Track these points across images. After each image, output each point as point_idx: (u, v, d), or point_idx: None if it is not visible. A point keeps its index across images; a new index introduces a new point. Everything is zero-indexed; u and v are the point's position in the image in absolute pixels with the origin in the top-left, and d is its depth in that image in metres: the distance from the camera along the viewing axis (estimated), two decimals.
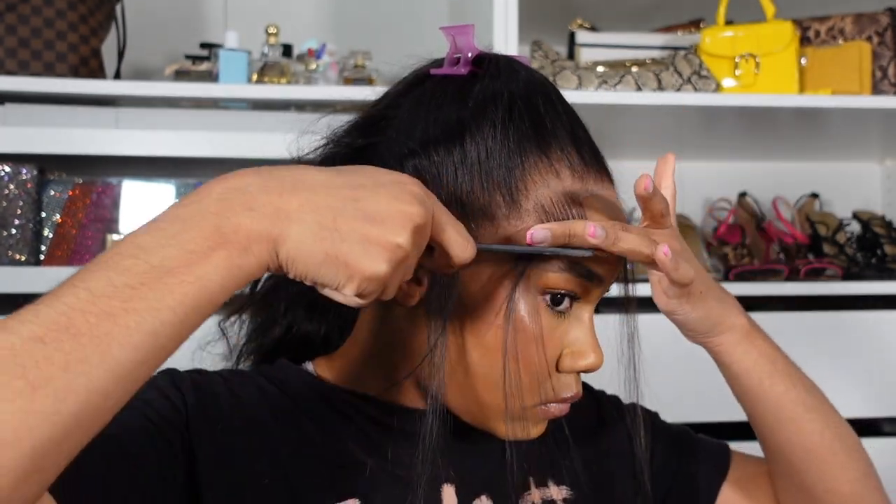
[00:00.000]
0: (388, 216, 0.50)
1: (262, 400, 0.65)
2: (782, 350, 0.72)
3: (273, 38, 1.52)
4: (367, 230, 0.49)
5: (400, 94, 0.66)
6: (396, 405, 0.67)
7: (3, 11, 1.39)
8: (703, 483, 0.79)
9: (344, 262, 0.49)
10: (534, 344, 0.61)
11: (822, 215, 1.79)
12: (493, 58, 0.66)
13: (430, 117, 0.63)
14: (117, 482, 0.54)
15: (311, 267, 0.49)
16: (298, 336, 0.73)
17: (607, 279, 0.63)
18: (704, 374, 0.74)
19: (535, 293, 0.61)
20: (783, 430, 0.72)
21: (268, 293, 0.73)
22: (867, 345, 1.51)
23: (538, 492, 0.70)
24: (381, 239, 0.49)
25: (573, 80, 1.49)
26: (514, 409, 0.62)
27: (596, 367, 0.63)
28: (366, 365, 0.67)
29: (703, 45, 1.59)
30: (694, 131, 1.75)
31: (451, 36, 0.65)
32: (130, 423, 0.57)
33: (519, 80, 0.64)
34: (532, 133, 0.62)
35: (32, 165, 1.40)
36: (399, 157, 0.62)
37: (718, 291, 0.69)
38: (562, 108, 0.65)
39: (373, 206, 0.50)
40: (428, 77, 0.66)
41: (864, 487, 0.73)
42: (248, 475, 0.62)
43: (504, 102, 0.62)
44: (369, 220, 0.49)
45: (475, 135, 0.61)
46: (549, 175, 0.62)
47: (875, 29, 1.63)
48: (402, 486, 0.63)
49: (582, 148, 0.64)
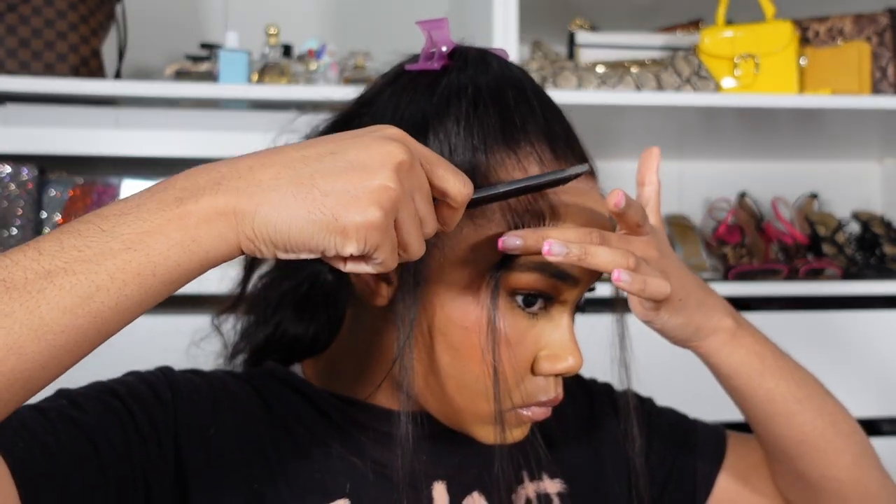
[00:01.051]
0: (367, 160, 0.47)
1: (253, 403, 0.65)
2: (772, 343, 0.71)
3: (273, 38, 1.52)
4: (348, 179, 0.46)
5: (376, 91, 0.65)
6: (377, 407, 0.66)
7: (4, 12, 1.39)
8: (700, 475, 0.78)
9: (332, 219, 0.46)
10: (503, 347, 0.59)
11: (822, 215, 1.80)
12: (465, 51, 0.64)
13: (397, 114, 0.61)
14: (80, 468, 0.53)
15: (297, 231, 0.46)
16: (287, 337, 0.73)
17: (583, 280, 0.61)
18: (699, 373, 0.74)
19: (505, 294, 0.59)
20: (776, 424, 0.71)
21: (259, 292, 0.73)
22: (867, 345, 1.51)
23: (532, 485, 0.70)
24: (364, 184, 0.46)
25: (573, 81, 1.49)
26: (488, 413, 0.61)
27: (574, 370, 0.61)
28: (346, 367, 0.67)
29: (702, 45, 1.59)
30: (694, 131, 1.76)
31: (427, 30, 0.63)
32: (108, 414, 0.56)
33: (488, 74, 0.62)
34: (498, 128, 0.60)
35: (33, 165, 1.40)
36: None
37: (700, 295, 0.67)
38: (536, 102, 0.62)
39: (351, 156, 0.47)
40: (404, 73, 0.64)
41: (860, 469, 0.73)
42: (240, 477, 0.61)
43: (469, 96, 0.60)
44: (349, 170, 0.46)
45: (438, 130, 0.59)
46: (515, 171, 0.59)
47: (874, 29, 1.63)
48: (391, 486, 0.63)
49: (556, 143, 0.61)
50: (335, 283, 0.69)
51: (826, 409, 0.72)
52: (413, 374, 0.60)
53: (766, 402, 0.70)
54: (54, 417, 0.54)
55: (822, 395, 0.73)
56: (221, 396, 0.64)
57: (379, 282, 0.61)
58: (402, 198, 0.47)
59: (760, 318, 1.60)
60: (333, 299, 0.70)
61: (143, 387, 0.61)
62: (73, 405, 0.57)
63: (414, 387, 0.61)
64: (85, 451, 0.54)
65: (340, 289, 0.68)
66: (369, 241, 0.47)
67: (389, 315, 0.62)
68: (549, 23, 1.74)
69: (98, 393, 0.59)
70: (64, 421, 0.55)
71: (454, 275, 0.59)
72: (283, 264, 0.71)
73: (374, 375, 0.65)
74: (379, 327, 0.64)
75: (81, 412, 0.56)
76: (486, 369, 0.59)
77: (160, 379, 0.63)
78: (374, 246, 0.47)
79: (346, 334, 0.68)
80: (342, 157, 0.47)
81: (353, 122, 0.64)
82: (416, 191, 0.49)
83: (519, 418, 0.62)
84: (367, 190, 0.46)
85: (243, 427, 0.63)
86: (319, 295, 0.71)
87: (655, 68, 1.55)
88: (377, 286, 0.61)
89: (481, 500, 0.67)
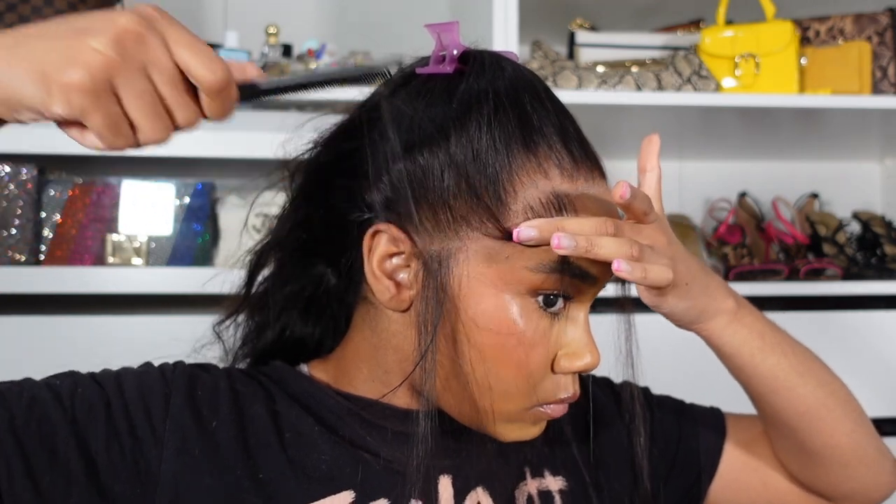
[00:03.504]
0: (90, 26, 0.48)
1: (261, 397, 0.66)
2: (769, 320, 0.73)
3: (273, 38, 1.52)
4: (66, 42, 0.47)
5: (385, 95, 0.65)
6: (390, 407, 0.67)
7: (3, 11, 1.39)
8: (704, 457, 0.80)
9: (41, 73, 0.47)
10: (527, 347, 0.60)
11: (822, 215, 1.79)
12: (479, 55, 0.64)
13: (414, 119, 0.62)
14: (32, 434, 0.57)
15: (13, 86, 0.47)
16: (293, 340, 0.73)
17: (601, 278, 0.62)
18: (702, 370, 0.74)
19: (527, 295, 0.60)
20: (779, 398, 0.73)
21: (262, 295, 0.73)
22: (867, 345, 1.51)
23: (534, 482, 0.70)
24: (76, 45, 0.47)
25: (573, 80, 1.49)
26: (512, 412, 0.62)
27: (593, 367, 0.62)
28: (359, 368, 0.67)
29: (703, 44, 1.59)
30: (694, 131, 1.75)
31: (436, 33, 0.63)
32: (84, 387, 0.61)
33: (505, 78, 0.63)
34: (519, 132, 0.61)
35: (32, 165, 1.40)
36: (383, 163, 0.61)
37: (704, 279, 0.68)
38: (550, 105, 0.63)
39: (80, 23, 0.48)
40: (413, 76, 0.65)
41: (861, 436, 0.75)
42: (245, 470, 0.62)
43: (490, 101, 0.61)
44: (72, 33, 0.47)
45: (461, 135, 0.60)
46: (537, 175, 0.60)
47: (875, 29, 1.63)
48: (397, 478, 0.64)
49: (571, 144, 0.62)
50: (340, 286, 0.69)
51: (825, 379, 0.75)
52: (435, 378, 0.61)
53: (769, 378, 0.72)
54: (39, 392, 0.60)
55: (820, 366, 0.75)
56: (228, 391, 0.65)
57: (400, 287, 0.62)
58: (118, 67, 0.47)
59: None
60: (339, 301, 0.70)
61: (141, 380, 0.63)
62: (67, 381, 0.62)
63: (434, 389, 0.62)
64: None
65: (347, 291, 0.68)
66: (73, 103, 0.47)
67: (406, 317, 0.62)
68: (549, 23, 1.74)
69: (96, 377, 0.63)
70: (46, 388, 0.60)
71: (477, 278, 0.60)
72: (287, 266, 0.71)
73: (388, 376, 0.66)
74: (395, 330, 0.64)
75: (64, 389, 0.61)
76: (512, 370, 0.60)
77: (164, 370, 0.65)
78: (80, 109, 0.47)
79: (356, 336, 0.68)
80: (70, 24, 0.48)
81: (364, 126, 0.64)
82: (150, 66, 0.49)
83: (538, 416, 0.63)
84: (77, 51, 0.47)
85: (250, 420, 0.64)
86: (324, 297, 0.71)
87: (656, 68, 1.55)
88: (399, 291, 0.62)
89: (485, 496, 0.67)
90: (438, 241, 0.60)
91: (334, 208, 0.65)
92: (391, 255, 0.62)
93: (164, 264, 1.42)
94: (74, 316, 1.35)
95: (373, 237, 0.62)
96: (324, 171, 0.67)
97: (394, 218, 0.61)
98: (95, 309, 1.41)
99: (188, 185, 1.44)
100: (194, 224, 1.43)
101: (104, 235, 1.41)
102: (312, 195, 0.68)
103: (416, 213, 0.60)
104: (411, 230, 0.61)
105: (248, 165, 1.50)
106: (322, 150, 0.68)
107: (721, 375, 0.75)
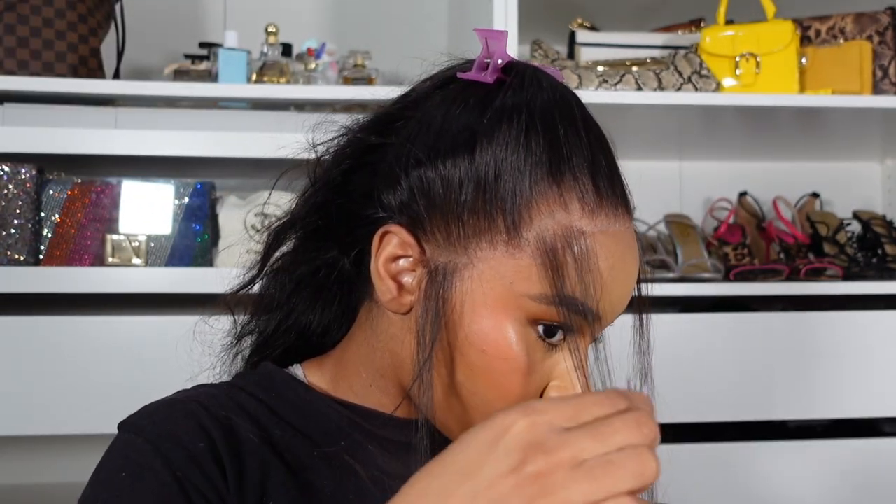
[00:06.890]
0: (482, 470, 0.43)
1: (249, 431, 0.63)
2: None
3: (273, 37, 1.52)
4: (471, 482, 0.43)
5: (422, 94, 0.64)
6: (391, 417, 0.66)
7: (2, 11, 1.39)
8: None
9: None
10: (518, 374, 0.58)
11: (823, 215, 1.79)
12: (522, 68, 0.63)
13: (445, 125, 0.60)
14: None
15: None
16: (298, 325, 0.71)
17: (608, 319, 0.60)
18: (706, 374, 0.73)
19: (527, 322, 0.58)
20: None
21: (275, 273, 0.70)
22: (867, 345, 1.51)
23: None
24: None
25: (573, 80, 1.49)
26: None
27: None
28: (358, 372, 0.66)
29: (703, 44, 1.59)
30: (694, 131, 1.75)
31: (484, 38, 0.62)
32: None
33: (542, 97, 0.61)
34: (546, 158, 0.59)
35: (31, 165, 1.39)
36: (405, 165, 0.60)
37: None
38: (584, 132, 0.61)
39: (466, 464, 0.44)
40: (454, 80, 0.63)
41: None
42: None
43: (522, 121, 0.59)
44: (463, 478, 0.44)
45: (486, 149, 0.59)
46: (556, 206, 0.58)
47: (875, 28, 1.63)
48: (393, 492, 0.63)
49: (599, 178, 0.60)
50: (353, 273, 0.67)
51: None
52: (432, 391, 0.60)
53: None
54: None
55: None
56: (217, 442, 0.61)
57: (403, 290, 0.61)
58: None
59: (761, 318, 1.60)
60: (349, 290, 0.69)
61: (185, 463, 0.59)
62: None
63: (433, 403, 0.61)
64: None
65: (358, 282, 0.67)
66: None
67: (406, 322, 0.62)
68: (549, 22, 1.74)
69: None
70: None
71: (479, 298, 0.59)
72: (301, 247, 0.70)
73: (384, 381, 0.65)
74: (393, 333, 0.63)
75: None
76: (498, 394, 0.58)
77: (153, 461, 0.59)
78: None
79: (358, 334, 0.67)
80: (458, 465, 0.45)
81: (395, 123, 0.63)
82: None
83: None
84: None
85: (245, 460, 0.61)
86: (336, 283, 0.69)
87: (656, 67, 1.55)
88: (400, 294, 0.61)
89: None
90: (447, 253, 0.59)
91: (351, 200, 0.64)
92: (398, 257, 0.61)
93: (164, 264, 1.42)
94: (74, 316, 1.35)
95: (382, 237, 0.61)
96: (348, 160, 0.66)
97: (406, 222, 0.61)
98: (95, 309, 1.41)
99: (187, 185, 1.44)
100: (194, 224, 1.43)
101: (103, 235, 1.40)
102: (333, 182, 0.66)
103: (429, 223, 0.59)
104: (422, 238, 0.60)
105: (248, 165, 1.50)
106: (350, 139, 0.67)
107: (722, 375, 0.75)
